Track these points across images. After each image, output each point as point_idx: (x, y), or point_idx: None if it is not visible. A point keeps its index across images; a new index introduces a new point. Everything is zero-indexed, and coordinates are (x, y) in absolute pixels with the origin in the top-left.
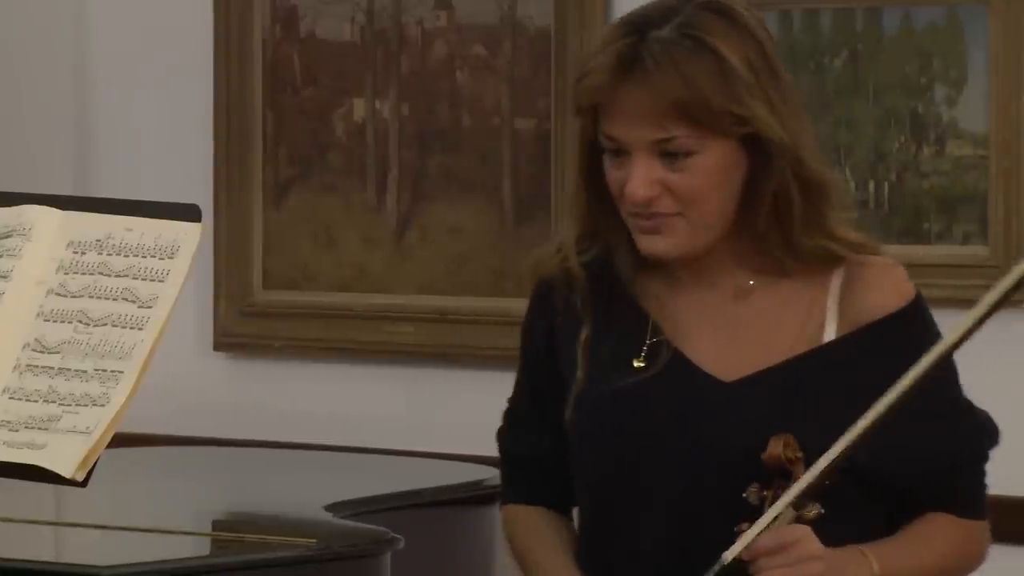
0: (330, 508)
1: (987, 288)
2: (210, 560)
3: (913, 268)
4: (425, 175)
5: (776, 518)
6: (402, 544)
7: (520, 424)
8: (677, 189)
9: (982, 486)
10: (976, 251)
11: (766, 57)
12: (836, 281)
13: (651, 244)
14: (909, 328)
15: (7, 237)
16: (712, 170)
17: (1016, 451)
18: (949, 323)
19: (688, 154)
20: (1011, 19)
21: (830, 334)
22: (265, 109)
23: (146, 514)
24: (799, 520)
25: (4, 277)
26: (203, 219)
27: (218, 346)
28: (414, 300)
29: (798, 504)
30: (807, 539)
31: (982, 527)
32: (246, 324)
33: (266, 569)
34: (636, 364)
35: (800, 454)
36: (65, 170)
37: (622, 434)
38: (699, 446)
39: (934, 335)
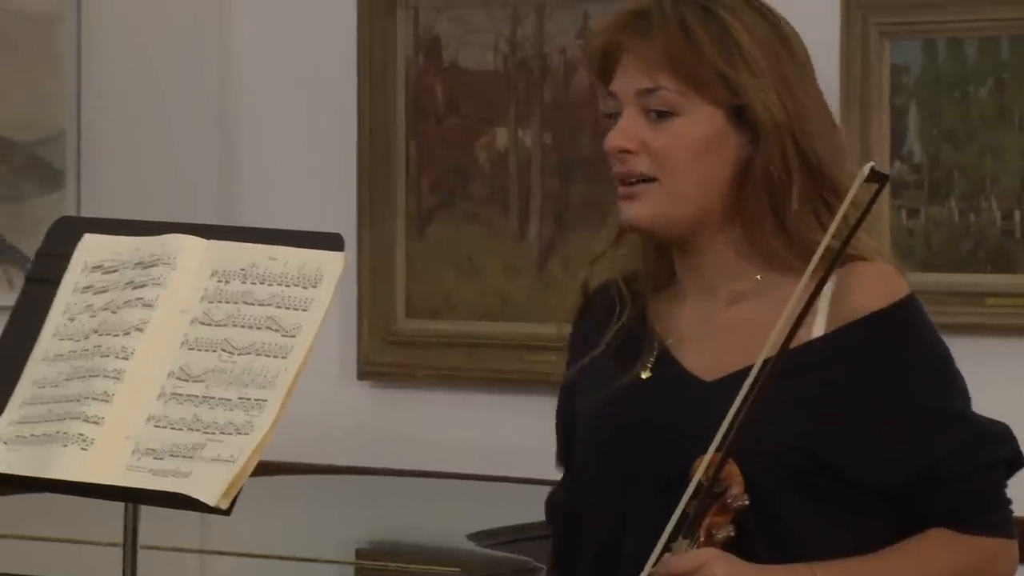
0: (473, 537)
1: None
2: None
3: None
4: (567, 204)
5: (669, 543)
6: (544, 573)
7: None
8: (654, 148)
9: (989, 499)
10: None
11: (784, 42)
12: (832, 282)
13: (627, 210)
14: (889, 328)
15: (152, 266)
16: (693, 136)
17: None
18: None
19: (672, 114)
20: None
21: (817, 334)
22: (408, 138)
23: (290, 542)
24: (709, 543)
25: (149, 306)
26: (346, 248)
27: (362, 375)
28: (556, 329)
29: (687, 532)
30: (714, 562)
31: (996, 544)
32: (390, 352)
33: None
34: (642, 376)
35: (722, 481)
36: (210, 198)
37: (604, 438)
38: (676, 445)
39: (924, 340)
